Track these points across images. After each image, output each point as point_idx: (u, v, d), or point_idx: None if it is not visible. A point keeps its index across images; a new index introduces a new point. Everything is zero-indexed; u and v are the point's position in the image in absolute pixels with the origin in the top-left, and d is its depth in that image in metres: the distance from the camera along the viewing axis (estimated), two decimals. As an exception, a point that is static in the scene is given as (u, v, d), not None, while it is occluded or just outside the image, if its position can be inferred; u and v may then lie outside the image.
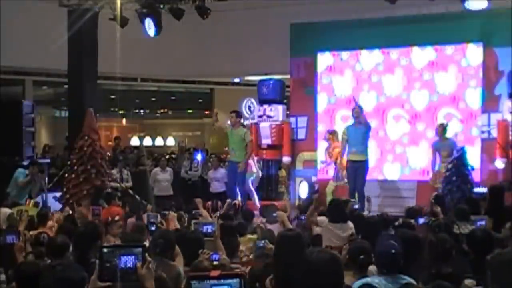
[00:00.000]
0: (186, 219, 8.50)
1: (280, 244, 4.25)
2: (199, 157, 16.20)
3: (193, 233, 6.27)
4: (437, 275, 4.64)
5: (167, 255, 5.19)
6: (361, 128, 11.82)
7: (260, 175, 13.28)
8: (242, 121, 12.95)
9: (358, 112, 11.83)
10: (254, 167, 12.98)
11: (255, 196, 12.63)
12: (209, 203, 9.78)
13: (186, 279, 3.12)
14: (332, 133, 12.98)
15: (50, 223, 7.91)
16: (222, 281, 3.01)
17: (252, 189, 12.71)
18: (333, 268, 3.36)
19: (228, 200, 10.21)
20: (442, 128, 11.84)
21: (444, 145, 11.69)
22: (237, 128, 12.26)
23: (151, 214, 8.31)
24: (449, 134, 11.92)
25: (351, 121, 12.17)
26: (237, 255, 6.54)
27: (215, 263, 5.13)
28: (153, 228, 6.69)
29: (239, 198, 11.57)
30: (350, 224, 7.58)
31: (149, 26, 13.57)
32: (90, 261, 4.68)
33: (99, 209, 9.19)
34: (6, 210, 9.56)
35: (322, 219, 7.76)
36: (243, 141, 12.15)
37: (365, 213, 10.05)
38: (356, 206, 9.69)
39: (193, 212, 8.96)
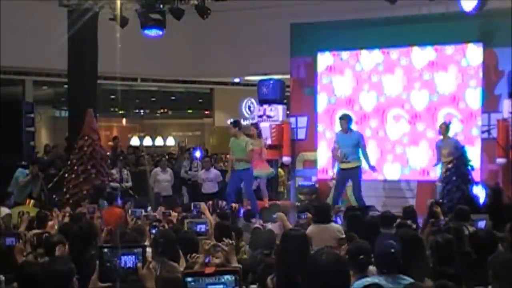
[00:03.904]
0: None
1: (285, 244, 4.25)
2: (197, 154, 16.21)
3: (187, 232, 6.25)
4: (441, 275, 4.63)
5: (168, 255, 5.19)
6: (351, 136, 11.69)
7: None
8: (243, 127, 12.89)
9: (343, 124, 11.68)
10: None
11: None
12: (210, 203, 9.75)
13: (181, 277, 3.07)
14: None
15: (50, 223, 7.87)
16: (217, 279, 2.99)
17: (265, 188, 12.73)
18: (340, 270, 3.35)
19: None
20: (445, 127, 11.86)
21: (445, 144, 11.70)
22: (239, 138, 11.92)
23: (136, 210, 8.26)
24: (451, 133, 11.96)
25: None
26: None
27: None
28: (154, 231, 6.67)
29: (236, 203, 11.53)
30: (335, 226, 7.50)
31: (152, 29, 13.61)
32: (85, 261, 4.67)
33: (94, 207, 9.20)
34: (5, 210, 9.57)
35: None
36: (244, 150, 11.77)
37: None
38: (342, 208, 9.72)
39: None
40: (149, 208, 9.91)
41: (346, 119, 11.70)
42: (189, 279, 2.97)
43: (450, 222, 7.19)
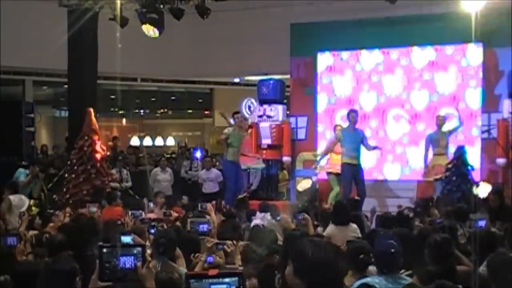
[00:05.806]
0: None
1: (287, 245, 4.24)
2: (198, 154, 16.19)
3: (189, 232, 6.24)
4: (437, 274, 4.63)
5: (169, 255, 5.18)
6: (356, 132, 11.82)
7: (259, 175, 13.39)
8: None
9: (354, 117, 11.82)
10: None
11: None
12: (214, 202, 9.73)
13: (185, 278, 3.09)
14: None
15: (50, 224, 7.88)
16: (220, 279, 3.00)
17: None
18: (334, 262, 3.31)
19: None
20: (443, 119, 11.91)
21: (441, 135, 11.79)
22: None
23: (136, 211, 8.26)
24: (445, 128, 12.04)
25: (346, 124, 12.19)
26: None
27: (205, 265, 5.10)
28: (152, 231, 6.66)
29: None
30: (354, 226, 7.53)
31: (150, 29, 13.59)
32: (87, 255, 4.66)
33: (96, 205, 9.20)
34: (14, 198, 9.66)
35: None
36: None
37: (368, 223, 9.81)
38: None
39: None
40: (151, 204, 9.93)
41: (355, 113, 11.90)
42: (193, 280, 2.98)
43: (445, 221, 7.19)
